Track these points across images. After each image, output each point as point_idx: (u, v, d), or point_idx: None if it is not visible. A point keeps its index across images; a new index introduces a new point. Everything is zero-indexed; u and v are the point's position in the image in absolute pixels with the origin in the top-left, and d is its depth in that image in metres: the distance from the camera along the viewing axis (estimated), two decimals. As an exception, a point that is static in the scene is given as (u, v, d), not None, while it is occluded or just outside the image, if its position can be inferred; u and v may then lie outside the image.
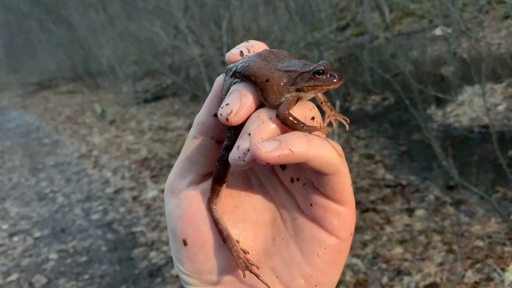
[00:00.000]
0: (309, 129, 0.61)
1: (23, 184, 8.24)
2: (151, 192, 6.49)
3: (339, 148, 0.61)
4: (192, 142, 0.69)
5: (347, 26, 12.83)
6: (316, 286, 0.65)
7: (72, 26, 18.42)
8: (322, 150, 0.57)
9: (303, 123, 0.61)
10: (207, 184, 0.70)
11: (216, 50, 10.71)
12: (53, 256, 5.32)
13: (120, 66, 14.52)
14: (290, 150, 0.55)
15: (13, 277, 5.01)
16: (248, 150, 0.58)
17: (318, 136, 0.60)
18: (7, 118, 16.99)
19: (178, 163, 0.71)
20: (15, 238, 5.98)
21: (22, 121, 15.52)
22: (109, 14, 16.17)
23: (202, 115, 0.69)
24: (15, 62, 35.00)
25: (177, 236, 0.68)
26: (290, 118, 0.60)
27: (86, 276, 4.76)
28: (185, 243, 0.68)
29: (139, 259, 4.87)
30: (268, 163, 0.56)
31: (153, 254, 4.90)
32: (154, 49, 14.05)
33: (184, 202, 0.69)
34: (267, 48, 0.70)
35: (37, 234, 5.98)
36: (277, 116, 0.60)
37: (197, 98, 11.45)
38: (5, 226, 6.45)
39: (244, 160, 0.58)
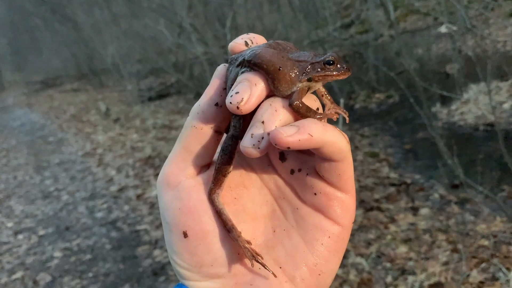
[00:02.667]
0: (321, 117, 0.62)
1: (28, 182, 8.28)
2: (155, 190, 6.49)
3: (346, 136, 0.63)
4: (190, 132, 0.68)
5: (351, 23, 12.79)
6: (319, 275, 0.66)
7: (76, 24, 18.48)
8: (335, 136, 0.59)
9: (316, 111, 0.62)
10: (206, 174, 0.70)
11: (220, 49, 10.70)
12: (58, 254, 5.34)
13: (125, 64, 14.54)
14: (309, 134, 0.57)
15: (18, 275, 5.04)
16: (263, 137, 0.59)
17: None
18: (12, 116, 17.08)
19: (174, 154, 0.70)
20: (20, 236, 6.01)
21: (27, 119, 15.60)
22: (113, 12, 16.19)
23: (202, 104, 0.67)
24: (20, 60, 35.20)
25: (175, 228, 0.68)
26: (304, 106, 0.61)
27: (90, 274, 4.77)
28: (185, 235, 0.67)
29: (143, 257, 4.88)
30: (288, 148, 0.57)
31: (157, 252, 4.90)
32: (158, 47, 14.06)
33: (183, 193, 0.68)
34: (266, 41, 0.70)
35: (41, 232, 6.01)
36: (291, 105, 0.61)
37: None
38: (10, 224, 6.48)
39: (259, 148, 0.59)
